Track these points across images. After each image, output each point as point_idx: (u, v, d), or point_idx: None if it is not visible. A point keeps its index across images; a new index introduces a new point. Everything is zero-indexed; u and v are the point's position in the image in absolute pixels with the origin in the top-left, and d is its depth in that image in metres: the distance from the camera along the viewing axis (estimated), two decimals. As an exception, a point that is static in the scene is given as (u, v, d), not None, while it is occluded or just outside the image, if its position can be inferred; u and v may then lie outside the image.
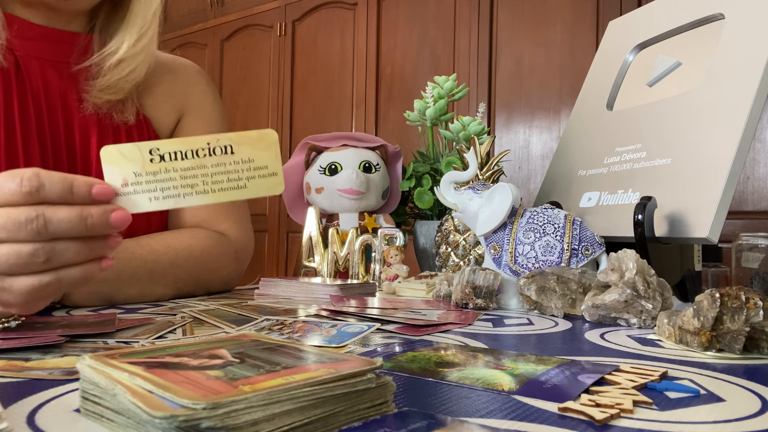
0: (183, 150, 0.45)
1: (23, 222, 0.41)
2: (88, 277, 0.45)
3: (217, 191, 0.46)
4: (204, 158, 0.45)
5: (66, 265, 0.43)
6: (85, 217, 0.42)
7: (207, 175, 0.45)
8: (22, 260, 0.42)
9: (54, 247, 0.42)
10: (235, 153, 0.46)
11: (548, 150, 2.31)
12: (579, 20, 2.27)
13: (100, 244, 0.45)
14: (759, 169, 1.96)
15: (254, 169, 0.46)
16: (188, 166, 0.45)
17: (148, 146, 0.44)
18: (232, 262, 0.84)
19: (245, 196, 0.46)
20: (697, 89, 0.78)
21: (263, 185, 0.46)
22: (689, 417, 0.29)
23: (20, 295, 0.43)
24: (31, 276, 0.43)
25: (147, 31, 0.77)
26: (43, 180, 0.42)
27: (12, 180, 0.41)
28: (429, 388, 0.34)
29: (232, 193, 0.46)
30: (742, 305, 0.44)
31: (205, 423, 0.22)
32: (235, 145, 0.46)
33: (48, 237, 0.42)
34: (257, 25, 3.18)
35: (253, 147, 0.46)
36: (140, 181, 0.44)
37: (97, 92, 0.76)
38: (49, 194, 0.42)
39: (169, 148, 0.45)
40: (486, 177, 0.85)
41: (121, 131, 0.79)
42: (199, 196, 0.45)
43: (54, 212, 0.42)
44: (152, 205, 0.45)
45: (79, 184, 0.43)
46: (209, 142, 0.45)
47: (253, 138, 0.46)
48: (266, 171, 0.46)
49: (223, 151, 0.46)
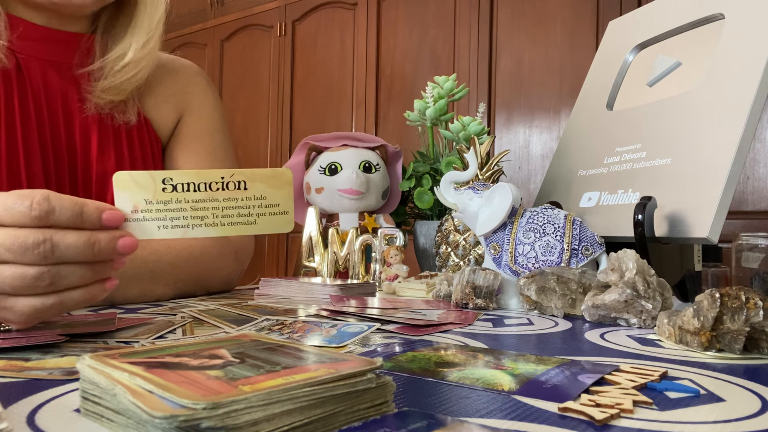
0: (196, 182, 0.45)
1: (30, 246, 0.41)
2: (90, 299, 0.45)
3: (226, 225, 0.46)
4: (216, 192, 0.45)
5: (70, 287, 0.43)
6: (93, 243, 0.42)
7: (218, 209, 0.45)
8: (26, 283, 0.41)
9: (59, 271, 0.42)
10: (248, 189, 0.46)
11: (548, 150, 2.31)
12: (579, 20, 2.27)
13: (105, 267, 0.45)
14: (759, 169, 1.96)
15: (266, 206, 0.46)
16: (200, 198, 0.45)
17: (162, 175, 0.45)
18: (233, 263, 0.84)
19: (254, 232, 0.47)
20: (697, 89, 0.78)
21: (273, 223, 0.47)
22: (689, 417, 0.29)
23: (22, 315, 0.43)
24: (34, 297, 0.42)
25: (153, 35, 0.77)
26: (53, 204, 0.41)
27: (22, 202, 0.41)
28: (429, 388, 0.34)
29: (241, 228, 0.46)
30: (742, 305, 0.44)
31: (205, 423, 0.22)
32: (249, 181, 0.46)
33: (54, 261, 0.42)
34: (257, 25, 3.18)
35: (267, 184, 0.46)
36: (150, 209, 0.45)
37: (99, 93, 0.76)
38: (59, 219, 0.42)
39: (182, 179, 0.45)
40: (486, 177, 0.85)
41: (121, 131, 0.79)
42: (208, 228, 0.45)
43: (62, 237, 0.41)
44: (160, 233, 0.45)
45: (89, 209, 0.42)
46: (223, 177, 0.45)
47: (267, 176, 0.46)
48: (278, 209, 0.47)
49: (237, 187, 0.46)
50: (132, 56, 0.76)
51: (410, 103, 1.21)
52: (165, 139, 0.87)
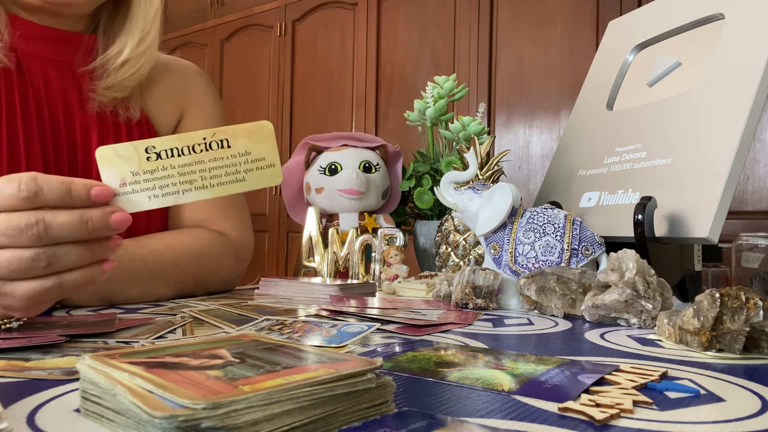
0: (179, 146, 0.45)
1: (23, 228, 0.41)
2: (89, 280, 0.45)
3: (216, 185, 0.46)
4: (201, 153, 0.45)
5: (67, 268, 0.43)
6: (86, 220, 0.42)
7: (205, 170, 0.45)
8: (23, 266, 0.41)
9: (55, 252, 0.42)
10: (232, 146, 0.46)
11: (548, 150, 2.31)
12: (579, 20, 2.27)
13: (101, 247, 0.45)
14: (759, 169, 1.96)
15: (252, 161, 0.46)
16: (185, 162, 0.45)
17: (144, 145, 0.44)
18: (233, 262, 0.84)
19: (245, 189, 0.46)
20: (697, 89, 0.78)
21: (262, 177, 0.46)
22: (689, 417, 0.29)
23: (22, 300, 0.43)
24: (33, 281, 0.42)
25: (149, 32, 0.77)
26: (41, 184, 0.41)
27: (9, 184, 0.41)
28: (429, 388, 0.34)
29: (231, 187, 0.46)
30: (742, 305, 0.44)
31: (205, 423, 0.22)
32: (231, 138, 0.46)
33: (49, 242, 0.42)
34: (257, 25, 3.18)
35: (250, 139, 0.46)
36: (138, 180, 0.44)
37: (102, 91, 0.76)
38: (48, 198, 0.42)
39: (165, 145, 0.45)
40: (486, 177, 0.85)
41: (121, 129, 0.80)
42: (199, 192, 0.45)
43: (54, 217, 0.41)
44: (152, 203, 0.45)
45: (77, 186, 0.42)
46: (205, 137, 0.45)
47: (248, 130, 0.46)
48: (264, 162, 0.46)
49: (220, 146, 0.45)
50: (129, 53, 0.76)
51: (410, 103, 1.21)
52: None
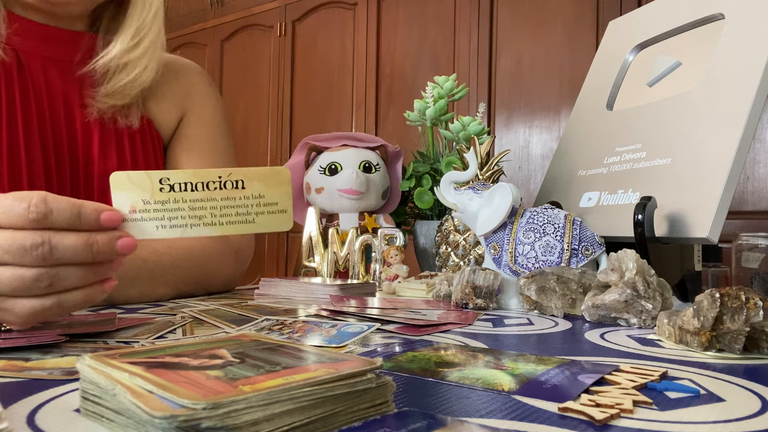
0: (193, 182, 0.45)
1: (29, 248, 0.41)
2: (90, 300, 0.45)
3: (225, 224, 0.46)
4: (214, 191, 0.45)
5: (69, 289, 0.43)
6: (91, 244, 0.42)
7: (216, 208, 0.45)
8: (25, 284, 0.41)
9: (58, 273, 0.42)
10: (246, 188, 0.46)
11: (548, 150, 2.31)
12: (579, 20, 2.27)
13: (104, 268, 0.45)
14: (759, 169, 1.96)
15: (264, 204, 0.46)
16: (198, 198, 0.45)
17: (159, 175, 0.44)
18: (233, 263, 0.84)
19: (253, 231, 0.47)
20: (697, 89, 0.78)
21: (272, 221, 0.46)
22: (689, 417, 0.29)
23: (21, 317, 0.43)
24: (33, 299, 0.42)
25: (147, 33, 0.76)
26: (51, 206, 0.41)
27: (19, 204, 0.41)
28: (429, 388, 0.34)
29: (239, 227, 0.46)
30: (742, 305, 0.44)
31: (205, 423, 0.22)
32: (247, 180, 0.46)
33: (53, 263, 0.42)
34: (257, 25, 3.18)
35: (265, 183, 0.46)
36: (149, 209, 0.44)
37: (102, 97, 0.76)
38: (57, 220, 0.41)
39: (179, 178, 0.45)
40: (486, 177, 0.85)
41: (123, 130, 0.79)
42: (206, 228, 0.45)
43: (60, 239, 0.41)
44: (159, 233, 0.45)
45: (87, 210, 0.42)
46: (221, 176, 0.45)
47: (265, 174, 0.46)
48: (276, 207, 0.46)
49: (234, 186, 0.45)
50: (121, 54, 0.75)
51: (410, 103, 1.21)
52: (166, 139, 0.87)
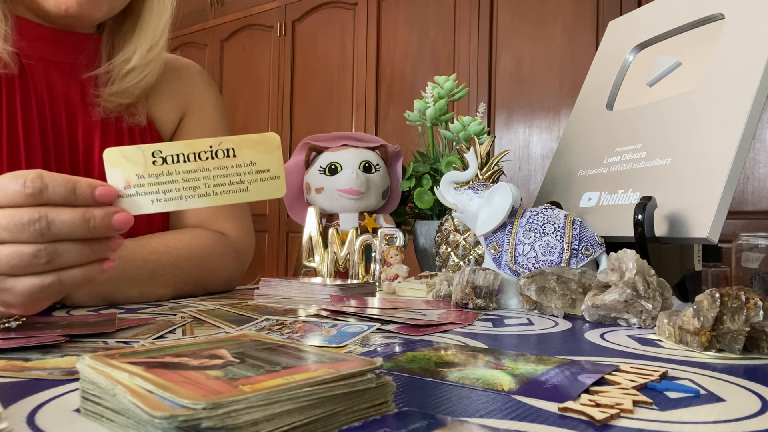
0: (185, 153, 0.45)
1: (26, 223, 0.41)
2: (89, 278, 0.45)
3: (218, 194, 0.46)
4: (206, 161, 0.45)
5: (68, 266, 0.43)
6: (88, 219, 0.43)
7: (209, 178, 0.46)
8: (24, 261, 0.42)
9: (56, 249, 0.42)
10: (237, 156, 0.46)
11: (548, 150, 2.31)
12: (579, 20, 2.27)
13: (102, 246, 0.45)
14: (759, 169, 1.96)
15: (256, 172, 0.46)
16: (190, 169, 0.45)
17: (151, 149, 0.45)
18: (233, 263, 0.84)
19: (247, 199, 0.47)
20: (697, 89, 0.78)
21: (265, 188, 0.47)
22: (689, 417, 0.29)
23: (21, 296, 0.43)
24: (33, 277, 0.43)
25: (159, 40, 0.77)
26: (47, 181, 0.42)
27: (15, 181, 0.41)
28: (429, 388, 0.34)
29: (233, 196, 0.46)
30: (742, 305, 0.44)
31: (205, 423, 0.22)
32: (238, 148, 0.46)
33: (50, 238, 0.42)
34: (257, 25, 3.18)
35: (256, 150, 0.46)
36: (142, 183, 0.45)
37: (107, 96, 0.76)
38: (52, 196, 0.42)
39: (171, 150, 0.45)
40: (486, 177, 0.85)
41: (124, 132, 0.79)
42: (201, 199, 0.46)
43: (57, 214, 0.42)
44: (154, 207, 0.45)
45: (82, 186, 0.43)
46: (211, 145, 0.46)
47: (255, 141, 0.46)
48: (268, 174, 0.47)
49: (225, 154, 0.46)
50: (137, 61, 0.76)
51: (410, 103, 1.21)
52: (167, 139, 0.87)
